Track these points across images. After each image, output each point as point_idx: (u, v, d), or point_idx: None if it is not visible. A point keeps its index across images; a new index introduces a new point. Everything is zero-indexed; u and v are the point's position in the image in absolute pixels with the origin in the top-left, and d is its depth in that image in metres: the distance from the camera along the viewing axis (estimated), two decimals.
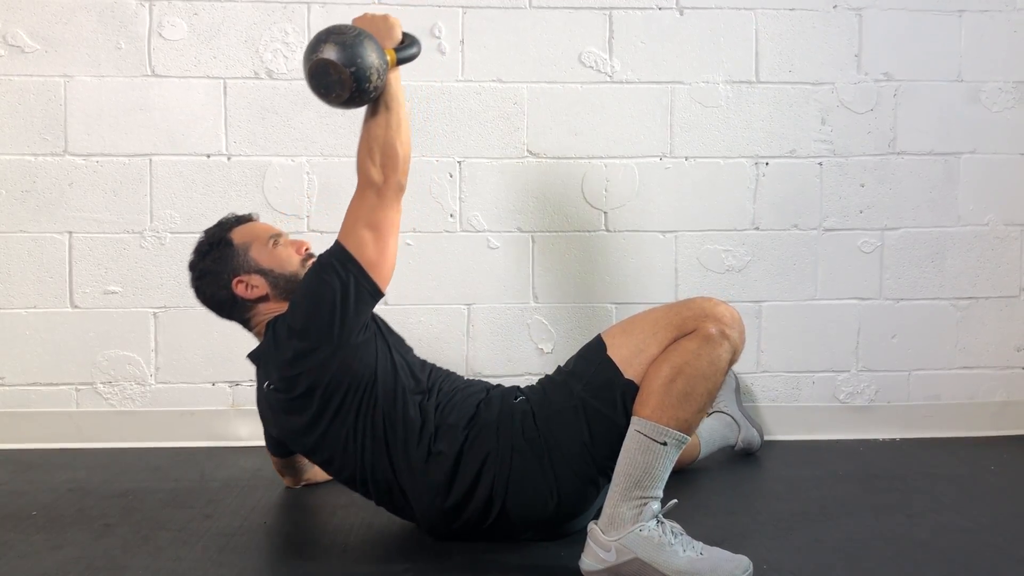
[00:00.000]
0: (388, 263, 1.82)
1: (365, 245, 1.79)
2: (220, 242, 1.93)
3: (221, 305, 1.95)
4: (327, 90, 1.75)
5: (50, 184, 2.59)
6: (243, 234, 1.95)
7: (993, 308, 2.79)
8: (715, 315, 1.74)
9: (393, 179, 1.80)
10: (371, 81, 1.74)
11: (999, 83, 2.74)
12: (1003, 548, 1.87)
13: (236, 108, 2.62)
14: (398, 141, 1.80)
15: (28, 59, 2.57)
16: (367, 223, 1.80)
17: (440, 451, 1.80)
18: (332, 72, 1.72)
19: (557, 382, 1.86)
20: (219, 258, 1.92)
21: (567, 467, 1.78)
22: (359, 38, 1.73)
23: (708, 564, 1.63)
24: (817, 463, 2.49)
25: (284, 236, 1.98)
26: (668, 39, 2.68)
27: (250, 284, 1.90)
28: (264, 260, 1.91)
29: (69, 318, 2.62)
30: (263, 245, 1.93)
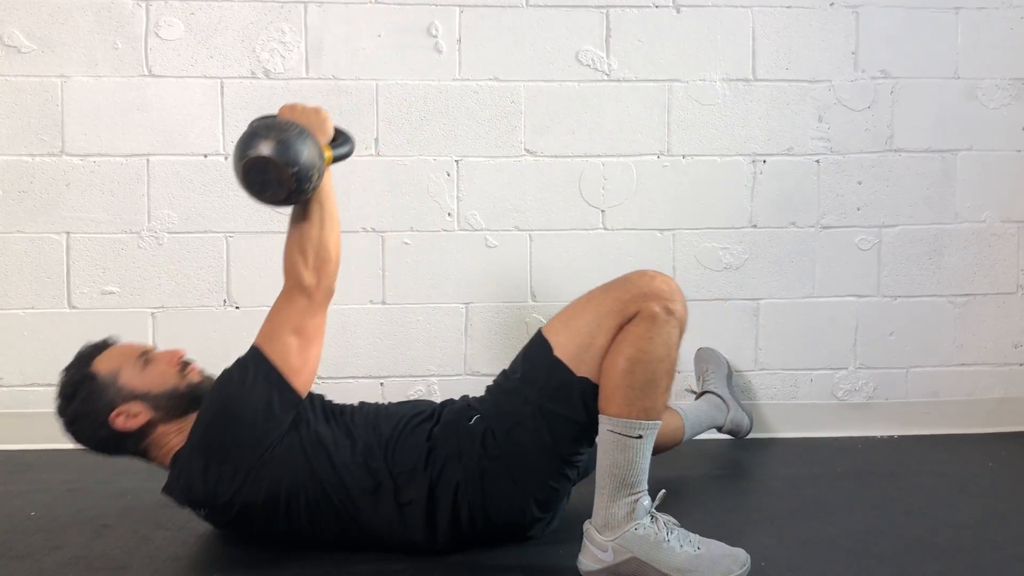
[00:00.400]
0: (311, 370, 1.74)
1: (289, 352, 1.70)
2: (84, 379, 1.75)
3: (106, 445, 1.77)
4: (262, 188, 1.63)
5: (47, 184, 2.59)
6: (106, 363, 1.77)
7: (991, 305, 2.79)
8: (654, 292, 1.69)
9: (325, 283, 1.73)
10: (311, 181, 1.64)
11: (996, 80, 2.74)
12: (1001, 544, 1.87)
13: (233, 108, 2.62)
14: (331, 242, 1.72)
15: (25, 59, 2.57)
16: (293, 329, 1.71)
17: (409, 500, 1.75)
18: (271, 171, 1.60)
19: (508, 390, 1.79)
20: (88, 397, 1.74)
21: (537, 472, 1.76)
22: (300, 135, 1.63)
23: (705, 560, 1.63)
24: (815, 460, 2.49)
25: (151, 351, 1.82)
26: (665, 37, 2.68)
27: (129, 414, 1.73)
28: (137, 384, 1.75)
29: (67, 318, 2.62)
30: (132, 368, 1.76)
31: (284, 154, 1.60)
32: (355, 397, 2.45)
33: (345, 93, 2.63)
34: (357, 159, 2.62)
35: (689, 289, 2.71)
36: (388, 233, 2.66)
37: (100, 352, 1.80)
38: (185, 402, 1.77)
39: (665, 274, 1.75)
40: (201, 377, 1.83)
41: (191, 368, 1.83)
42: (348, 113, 2.63)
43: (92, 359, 1.78)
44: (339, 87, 2.63)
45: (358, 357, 2.67)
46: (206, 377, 1.83)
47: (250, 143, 1.62)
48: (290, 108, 1.75)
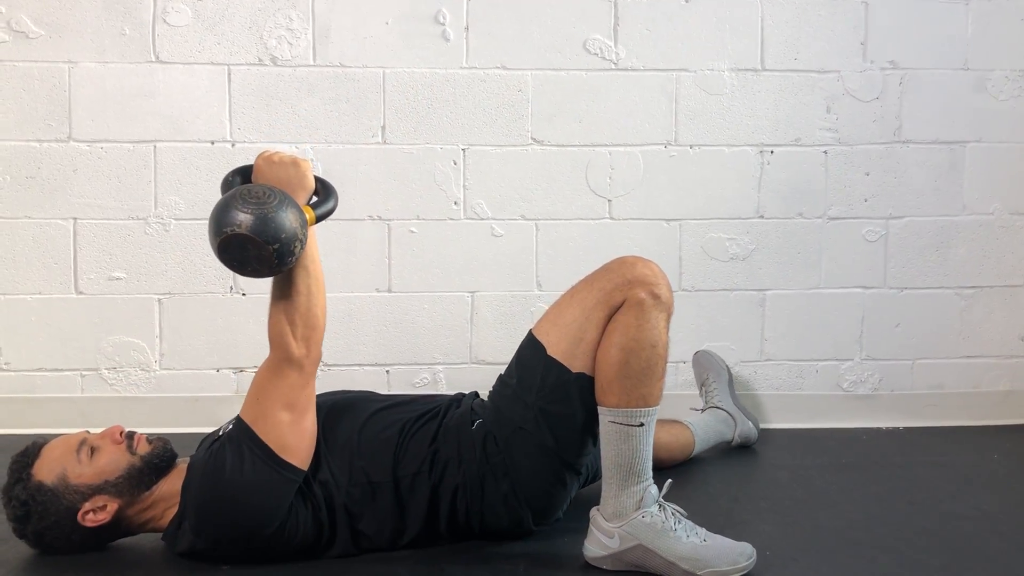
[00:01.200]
0: (308, 442, 1.65)
1: (283, 431, 1.61)
2: (33, 494, 1.64)
3: (86, 545, 1.69)
4: (241, 264, 1.52)
5: (54, 170, 2.60)
6: (48, 468, 1.65)
7: (997, 297, 2.78)
8: (638, 279, 1.69)
9: (315, 352, 1.63)
10: (294, 254, 1.52)
11: (1006, 72, 2.73)
12: (1006, 536, 1.87)
13: (240, 95, 2.62)
14: (318, 307, 1.62)
15: (32, 45, 2.57)
16: (285, 404, 1.61)
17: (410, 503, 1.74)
18: (250, 248, 1.48)
19: (507, 396, 1.78)
20: (44, 511, 1.63)
21: (535, 478, 1.76)
22: (279, 206, 1.49)
23: (711, 550, 1.63)
24: (820, 451, 2.49)
25: (87, 438, 1.70)
26: (673, 26, 2.67)
27: (96, 509, 1.65)
28: (90, 477, 1.64)
29: (74, 304, 2.62)
30: (76, 463, 1.65)
31: (264, 230, 1.47)
32: (360, 385, 2.47)
33: (352, 80, 2.62)
34: (364, 147, 2.63)
35: (695, 279, 2.72)
36: (394, 221, 2.66)
37: (35, 459, 1.67)
38: (147, 475, 1.69)
39: (646, 258, 1.74)
40: (150, 443, 1.73)
41: (137, 438, 1.72)
42: (355, 101, 2.63)
43: (31, 469, 1.66)
44: (346, 74, 2.62)
45: (364, 345, 2.68)
46: (155, 440, 1.74)
47: (226, 216, 1.49)
48: (267, 160, 1.63)
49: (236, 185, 1.63)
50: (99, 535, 1.69)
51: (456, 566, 1.71)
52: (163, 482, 1.70)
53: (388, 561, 1.73)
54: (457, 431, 1.77)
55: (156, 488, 1.70)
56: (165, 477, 1.71)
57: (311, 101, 2.63)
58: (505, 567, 1.70)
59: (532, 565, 1.71)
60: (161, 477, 1.70)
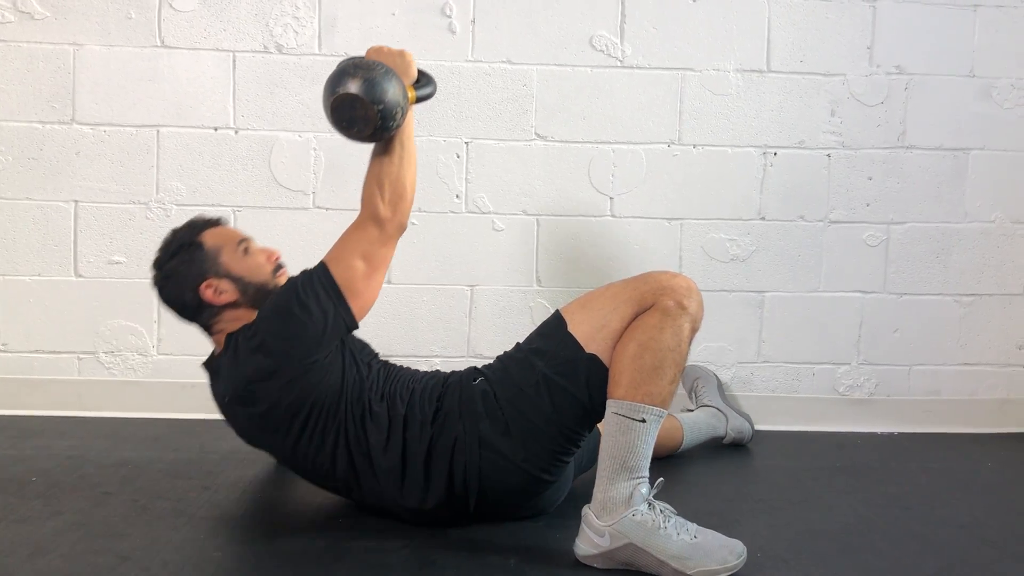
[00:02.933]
0: (371, 297, 1.81)
1: (355, 275, 1.77)
2: (191, 244, 1.86)
3: (185, 308, 1.87)
4: (349, 124, 1.73)
5: (57, 152, 2.59)
6: (214, 237, 1.88)
7: (996, 305, 2.78)
8: (672, 288, 1.75)
9: (398, 217, 1.80)
10: (395, 119, 1.72)
11: (1011, 80, 2.73)
12: (998, 544, 1.87)
13: (245, 82, 2.61)
14: (407, 179, 1.80)
15: (37, 26, 2.57)
16: (362, 254, 1.78)
17: (412, 452, 1.79)
18: (358, 107, 1.69)
19: (518, 359, 1.84)
20: (188, 260, 1.84)
21: (534, 442, 1.78)
22: (386, 75, 1.71)
23: (702, 549, 1.63)
24: (815, 454, 2.50)
25: (253, 242, 1.92)
26: (680, 25, 2.67)
27: (219, 289, 1.83)
28: (235, 266, 1.85)
29: (73, 287, 2.62)
30: (234, 251, 1.87)
31: (371, 92, 1.68)
32: None
33: None
34: None
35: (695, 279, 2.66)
36: None
37: (211, 227, 1.90)
38: (265, 298, 1.83)
39: (686, 275, 1.81)
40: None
41: (282, 272, 1.91)
42: None
43: (203, 230, 1.89)
44: None
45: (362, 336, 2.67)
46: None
47: (339, 81, 1.70)
48: (376, 50, 1.81)
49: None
50: (199, 309, 1.85)
51: (446, 558, 1.71)
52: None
53: (379, 552, 1.73)
54: (459, 386, 1.85)
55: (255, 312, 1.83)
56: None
57: (315, 90, 2.61)
58: (496, 562, 1.71)
59: (523, 561, 1.71)
60: None
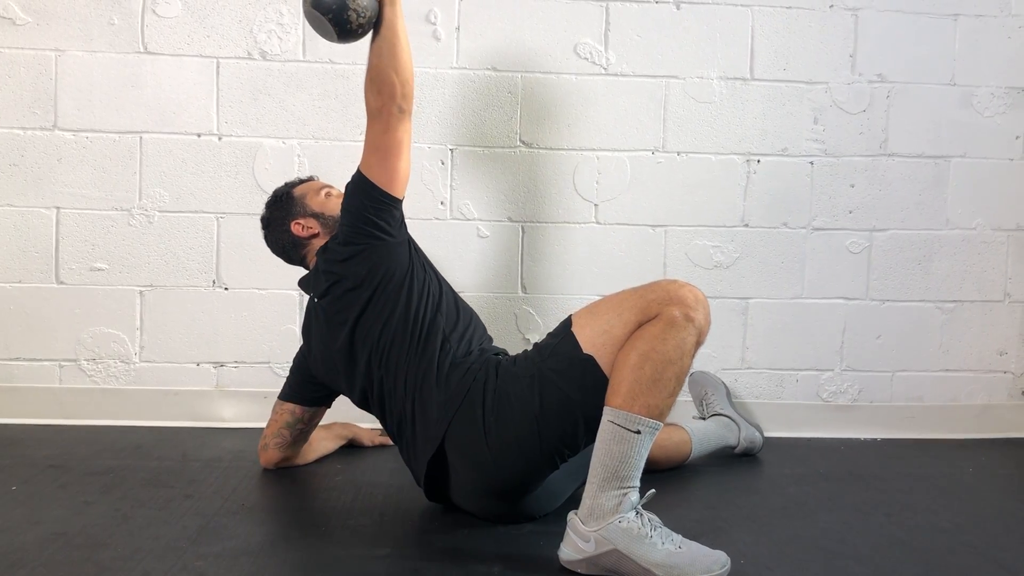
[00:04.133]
0: (400, 177, 2.00)
1: (372, 167, 1.98)
2: (284, 195, 2.21)
3: (284, 247, 2.19)
4: (324, 33, 1.92)
5: (38, 158, 2.58)
6: (302, 188, 2.22)
7: (978, 312, 2.81)
8: (679, 298, 1.74)
9: (391, 105, 1.93)
10: (350, 21, 1.88)
11: (991, 88, 2.75)
12: (979, 548, 1.88)
13: (228, 88, 2.61)
14: (392, 68, 1.93)
15: (19, 32, 2.55)
16: (373, 147, 1.98)
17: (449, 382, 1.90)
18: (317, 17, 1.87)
19: (528, 353, 1.94)
20: (281, 207, 2.19)
21: (508, 430, 1.80)
22: None
23: (686, 558, 1.64)
24: (798, 460, 2.50)
25: (334, 189, 2.22)
26: (664, 33, 2.68)
27: (305, 225, 2.15)
28: (316, 206, 2.17)
29: (54, 294, 2.60)
30: (316, 194, 2.19)
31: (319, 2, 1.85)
32: None
33: (342, 77, 2.62)
34: (351, 145, 2.62)
35: None
36: None
37: (303, 183, 2.25)
38: None
39: (694, 286, 1.79)
40: None
41: None
42: (344, 98, 2.62)
43: (295, 186, 2.23)
44: (335, 71, 2.62)
45: None
46: None
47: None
48: None
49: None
50: (294, 244, 2.18)
51: (431, 567, 1.71)
52: None
53: (364, 560, 1.72)
54: (483, 353, 1.98)
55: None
56: None
57: (299, 97, 2.62)
58: (481, 569, 1.70)
59: (507, 567, 1.71)
60: None
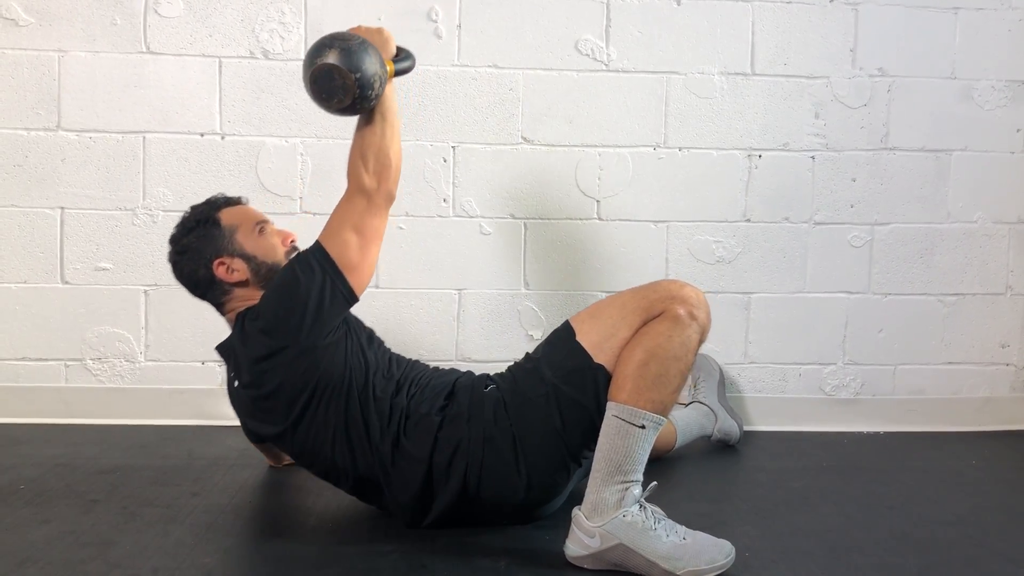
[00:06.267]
0: (367, 270, 1.83)
1: (348, 248, 1.79)
2: (207, 220, 1.93)
3: (197, 284, 1.94)
4: (329, 95, 1.75)
5: (42, 159, 2.59)
6: (231, 216, 1.94)
7: (979, 305, 2.81)
8: (682, 297, 1.76)
9: (385, 187, 1.81)
10: (373, 88, 1.75)
11: (992, 81, 2.76)
12: (981, 541, 1.89)
13: (231, 87, 2.61)
14: (391, 150, 1.82)
15: (22, 32, 2.56)
16: (354, 227, 1.80)
17: (413, 443, 1.81)
18: (336, 77, 1.72)
19: (527, 369, 1.86)
20: (204, 236, 1.91)
21: (539, 455, 1.79)
22: (363, 45, 1.74)
23: (691, 549, 1.64)
24: (801, 454, 2.51)
25: (270, 224, 1.97)
26: (665, 29, 2.68)
27: (231, 267, 1.90)
28: (249, 246, 1.91)
29: (60, 294, 2.61)
30: (250, 230, 1.93)
31: (348, 61, 1.72)
32: None
33: None
34: None
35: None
36: None
37: (231, 205, 1.97)
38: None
39: (695, 286, 1.81)
40: None
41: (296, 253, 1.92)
42: None
43: (221, 207, 1.95)
44: None
45: None
46: None
47: (318, 53, 1.74)
48: (355, 28, 1.84)
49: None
50: (211, 285, 1.92)
51: (437, 562, 1.71)
52: None
53: (370, 555, 1.73)
54: (471, 390, 1.86)
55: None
56: None
57: (302, 95, 2.59)
58: (487, 564, 1.71)
59: (513, 562, 1.72)
60: None
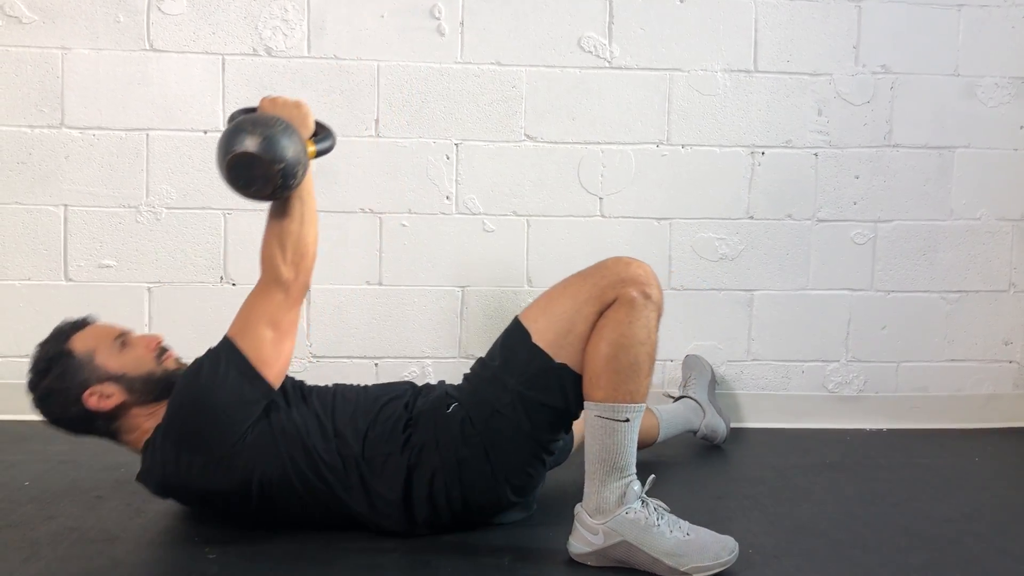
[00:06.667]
0: (284, 363, 1.73)
1: (263, 344, 1.69)
2: (60, 355, 1.74)
3: (76, 423, 1.76)
4: (247, 184, 1.62)
5: (46, 156, 2.59)
6: (84, 341, 1.76)
7: (982, 302, 2.81)
8: (632, 278, 1.71)
9: (303, 278, 1.72)
10: (296, 177, 1.63)
11: (995, 78, 2.75)
12: (984, 537, 1.89)
13: (234, 85, 2.61)
14: (310, 237, 1.72)
15: (26, 30, 2.56)
16: (269, 322, 1.70)
17: (385, 486, 1.76)
18: (257, 167, 1.59)
19: (487, 378, 1.80)
20: (62, 374, 1.72)
21: (512, 457, 1.77)
22: (285, 131, 1.62)
23: (695, 545, 1.65)
24: (805, 451, 2.52)
25: (130, 334, 1.81)
26: (668, 26, 2.68)
27: (103, 394, 1.72)
28: (113, 365, 1.74)
29: (63, 291, 2.62)
30: (109, 349, 1.76)
31: (270, 150, 1.59)
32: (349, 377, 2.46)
33: (346, 73, 2.63)
34: (357, 140, 2.63)
35: (684, 278, 2.74)
36: (386, 215, 2.66)
37: (78, 330, 1.78)
38: (159, 388, 1.76)
39: (639, 260, 1.76)
40: (177, 364, 1.82)
41: (168, 355, 1.82)
42: (349, 94, 2.63)
43: (69, 336, 1.76)
44: (340, 67, 2.62)
45: (353, 337, 2.68)
46: (182, 364, 1.82)
47: (235, 139, 1.60)
48: (271, 101, 1.73)
49: None
50: (91, 420, 1.75)
51: (440, 559, 1.72)
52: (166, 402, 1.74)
53: (373, 553, 1.73)
54: (433, 415, 1.79)
55: (159, 405, 1.75)
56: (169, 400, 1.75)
57: (305, 93, 2.62)
58: (490, 561, 1.71)
59: (517, 560, 1.72)
60: (168, 397, 1.74)
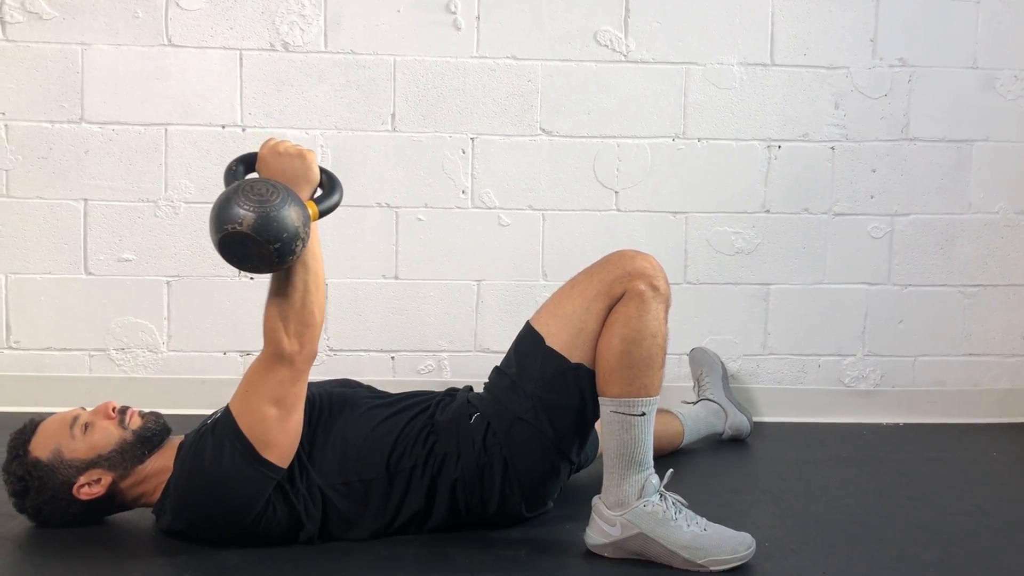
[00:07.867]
0: (291, 440, 1.64)
1: (267, 426, 1.61)
2: (30, 469, 1.67)
3: (83, 518, 1.73)
4: (241, 260, 1.50)
5: (66, 151, 2.61)
6: (43, 444, 1.69)
7: (1000, 296, 2.79)
8: (640, 271, 1.71)
9: (308, 349, 1.61)
10: (295, 253, 1.49)
11: (1015, 71, 2.73)
12: (1003, 532, 1.89)
13: (252, 79, 2.63)
14: (316, 305, 1.60)
15: (46, 26, 2.58)
16: (272, 399, 1.61)
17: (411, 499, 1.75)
18: (251, 246, 1.46)
19: (505, 387, 1.79)
20: (40, 486, 1.68)
21: (532, 469, 1.77)
22: (282, 203, 1.47)
23: (712, 540, 1.65)
24: (821, 445, 2.51)
25: (83, 412, 1.74)
26: (684, 19, 2.68)
27: (91, 482, 1.68)
28: (83, 452, 1.67)
29: (83, 284, 2.64)
30: (70, 439, 1.68)
31: (265, 230, 1.45)
32: (365, 370, 2.49)
33: (363, 68, 2.63)
34: (373, 134, 2.64)
35: (700, 272, 2.74)
36: (402, 209, 2.67)
37: (31, 436, 1.71)
38: (139, 449, 1.71)
39: (644, 252, 1.76)
40: (142, 418, 1.75)
41: (129, 413, 1.75)
42: (366, 88, 2.64)
43: (26, 447, 1.69)
44: (357, 61, 2.63)
45: (370, 331, 2.70)
46: (147, 415, 1.77)
47: (227, 212, 1.46)
48: (271, 150, 1.60)
49: (239, 175, 1.60)
50: (95, 508, 1.73)
51: (459, 551, 1.73)
52: (155, 457, 1.72)
53: (392, 544, 1.75)
54: (455, 425, 1.79)
55: (148, 462, 1.72)
56: (158, 451, 1.72)
57: (322, 87, 2.64)
58: (507, 553, 1.73)
59: (534, 551, 1.73)
60: (153, 451, 1.72)
